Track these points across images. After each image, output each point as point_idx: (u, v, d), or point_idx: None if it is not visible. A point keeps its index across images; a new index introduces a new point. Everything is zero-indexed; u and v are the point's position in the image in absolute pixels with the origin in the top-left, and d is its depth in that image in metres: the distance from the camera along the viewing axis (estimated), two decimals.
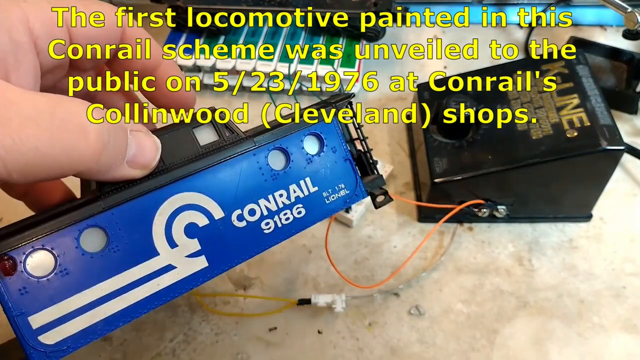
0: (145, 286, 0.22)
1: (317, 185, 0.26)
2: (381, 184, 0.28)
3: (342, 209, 0.27)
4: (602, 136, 0.38)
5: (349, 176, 0.27)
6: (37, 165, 0.17)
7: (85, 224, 0.21)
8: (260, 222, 0.25)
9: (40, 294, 0.20)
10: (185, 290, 0.23)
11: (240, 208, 0.24)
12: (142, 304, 0.22)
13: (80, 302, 0.21)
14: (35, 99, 0.18)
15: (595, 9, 0.60)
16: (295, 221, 0.26)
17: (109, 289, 0.22)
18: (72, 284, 0.21)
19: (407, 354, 0.38)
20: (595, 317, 0.40)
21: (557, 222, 0.45)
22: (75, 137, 0.18)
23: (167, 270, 0.23)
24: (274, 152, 0.25)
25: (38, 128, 0.17)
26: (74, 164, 0.18)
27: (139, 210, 0.22)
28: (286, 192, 0.26)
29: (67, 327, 0.21)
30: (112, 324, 0.22)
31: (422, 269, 0.42)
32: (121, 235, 0.22)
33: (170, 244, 0.23)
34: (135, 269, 0.22)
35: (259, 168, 0.25)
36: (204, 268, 0.24)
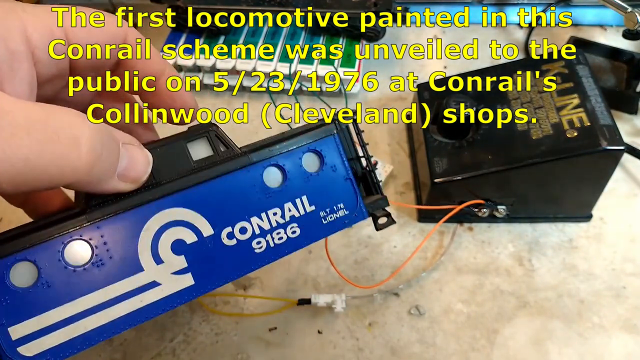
0: (128, 302, 0.22)
1: (314, 204, 0.25)
2: (384, 205, 0.27)
3: (340, 230, 0.26)
4: (602, 136, 0.38)
5: (349, 196, 0.26)
6: (27, 175, 0.17)
7: (69, 237, 0.21)
8: (252, 241, 0.24)
9: (21, 305, 0.20)
10: (169, 308, 0.23)
11: (231, 226, 0.24)
12: (124, 320, 0.22)
13: (61, 315, 0.21)
14: (28, 108, 0.17)
15: (595, 9, 0.60)
16: (289, 241, 0.25)
17: (91, 303, 0.21)
18: (54, 296, 0.21)
19: (407, 354, 0.38)
20: (595, 317, 0.40)
21: (557, 222, 0.45)
22: (67, 149, 0.18)
23: (152, 287, 0.22)
24: (270, 169, 0.24)
25: (29, 138, 0.17)
26: (65, 176, 0.18)
27: (124, 225, 0.22)
28: (280, 211, 0.25)
29: (47, 340, 0.21)
30: (93, 339, 0.22)
31: (422, 269, 0.42)
32: (106, 249, 0.21)
33: (155, 260, 0.22)
34: (118, 284, 0.22)
35: (253, 185, 0.24)
36: (189, 286, 0.23)
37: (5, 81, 0.20)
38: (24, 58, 0.21)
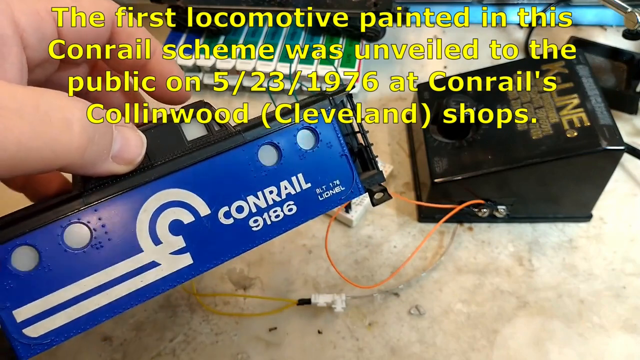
0: (128, 282, 0.22)
1: (310, 181, 0.25)
2: (380, 180, 0.27)
3: (337, 206, 0.26)
4: (602, 136, 0.38)
5: (344, 172, 0.26)
6: (20, 158, 0.17)
7: (67, 221, 0.21)
8: (249, 220, 0.24)
9: (24, 288, 0.21)
10: (169, 287, 0.23)
11: (228, 205, 0.24)
12: (125, 300, 0.23)
13: (63, 297, 0.21)
14: (17, 91, 0.17)
15: (595, 9, 0.60)
16: (286, 218, 0.25)
17: (92, 284, 0.22)
18: (56, 279, 0.21)
19: (407, 354, 0.38)
20: (595, 317, 0.40)
21: (557, 222, 0.45)
22: (59, 131, 0.18)
23: (151, 267, 0.23)
24: (265, 147, 0.24)
25: (21, 121, 0.17)
26: (58, 158, 0.18)
27: (121, 207, 0.22)
28: (276, 189, 0.25)
29: (51, 321, 0.21)
30: (95, 319, 0.22)
31: (422, 269, 0.42)
32: (104, 231, 0.22)
33: (154, 241, 0.23)
34: (118, 265, 0.22)
35: (248, 164, 0.24)
36: (188, 265, 0.23)
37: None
38: (12, 42, 0.21)
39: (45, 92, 0.18)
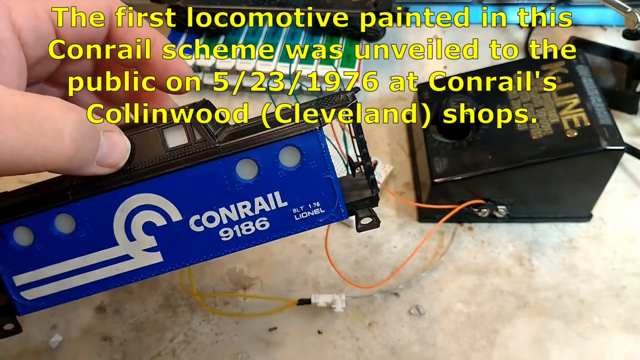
0: (106, 269, 0.25)
1: (287, 200, 0.25)
2: (372, 205, 0.26)
3: (315, 227, 0.25)
4: (602, 136, 0.38)
5: (326, 195, 0.25)
6: (13, 163, 0.18)
7: (57, 210, 0.24)
8: (219, 230, 0.25)
9: (21, 261, 0.25)
10: (141, 278, 0.26)
11: (199, 214, 0.25)
12: (103, 282, 0.26)
13: (52, 272, 0.25)
14: (16, 100, 0.18)
15: (595, 9, 0.60)
16: (257, 233, 0.25)
17: (75, 265, 0.25)
18: (46, 257, 0.25)
19: (407, 354, 0.38)
20: (595, 317, 0.40)
21: (557, 222, 0.45)
22: (50, 141, 0.19)
23: (125, 259, 0.25)
24: (244, 162, 0.24)
25: (16, 130, 0.18)
26: (48, 164, 0.19)
27: (102, 204, 0.24)
28: (250, 204, 0.25)
29: (42, 289, 0.26)
30: (78, 294, 0.26)
31: (422, 269, 0.42)
32: (87, 223, 0.24)
33: (128, 237, 0.25)
34: (97, 253, 0.25)
35: (223, 177, 0.24)
36: (158, 262, 0.25)
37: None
38: (10, 43, 0.21)
39: (40, 101, 0.19)
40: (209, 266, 0.43)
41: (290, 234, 0.26)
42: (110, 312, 0.41)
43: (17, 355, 0.39)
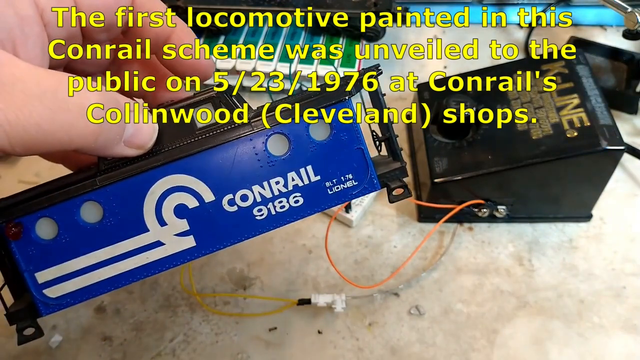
0: (135, 258, 0.24)
1: (319, 174, 0.24)
2: (402, 176, 0.25)
3: (349, 201, 0.25)
4: (602, 136, 0.38)
5: (359, 166, 0.25)
6: (38, 140, 0.18)
7: (84, 198, 0.23)
8: (253, 209, 0.24)
9: (44, 255, 0.24)
10: (173, 266, 0.25)
11: (232, 193, 0.24)
12: (132, 273, 0.24)
13: (78, 265, 0.24)
14: (40, 76, 0.18)
15: (595, 9, 0.60)
16: (292, 210, 0.25)
17: (103, 257, 0.24)
18: (72, 249, 0.24)
19: (407, 354, 0.38)
20: (595, 317, 0.40)
21: (557, 222, 0.45)
22: (75, 117, 0.19)
23: (156, 245, 0.24)
24: (275, 137, 0.24)
25: (41, 106, 0.18)
26: (73, 141, 0.19)
27: (131, 189, 0.23)
28: (283, 180, 0.24)
29: (67, 285, 0.24)
30: (106, 287, 0.24)
31: (422, 269, 0.42)
32: (115, 210, 0.23)
33: (160, 222, 0.24)
34: (127, 241, 0.24)
35: (255, 153, 0.24)
36: (191, 247, 0.24)
37: (18, 46, 0.21)
38: (34, 22, 0.21)
39: (64, 77, 0.19)
40: (208, 266, 0.43)
41: (324, 209, 0.25)
42: (110, 312, 0.41)
43: (17, 356, 0.39)
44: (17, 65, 0.18)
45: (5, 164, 0.50)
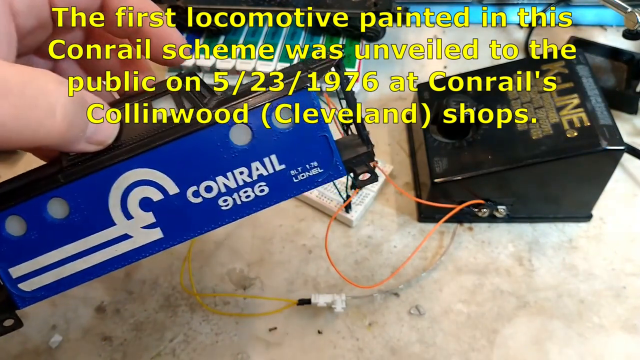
0: (104, 251, 0.25)
1: (284, 162, 0.24)
2: (367, 160, 0.25)
3: (314, 188, 0.25)
4: (602, 136, 0.38)
5: (323, 153, 0.24)
6: (3, 137, 0.18)
7: (48, 195, 0.23)
8: (218, 199, 0.24)
9: (16, 251, 0.24)
10: (142, 257, 0.25)
11: (196, 185, 0.24)
12: (103, 265, 0.25)
13: (50, 259, 0.24)
14: (7, 73, 0.18)
15: (595, 9, 0.60)
16: (257, 199, 0.25)
17: (72, 251, 0.24)
18: (42, 244, 0.24)
19: (407, 354, 0.38)
20: (595, 317, 0.40)
21: (557, 222, 0.45)
22: (43, 116, 0.18)
23: (124, 239, 0.25)
24: (236, 127, 0.24)
25: (7, 103, 0.17)
26: (39, 139, 0.19)
27: (94, 184, 0.23)
28: (247, 170, 0.24)
29: (40, 279, 0.25)
30: (79, 279, 0.25)
31: (422, 269, 0.42)
32: (81, 206, 0.24)
33: (126, 216, 0.24)
34: (95, 235, 0.24)
35: (217, 144, 0.24)
36: (159, 239, 0.25)
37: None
38: (1, 14, 0.21)
39: (32, 74, 0.19)
40: (208, 266, 0.43)
41: (290, 197, 0.25)
42: (110, 312, 0.41)
43: (17, 355, 0.39)
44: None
45: (5, 164, 0.50)
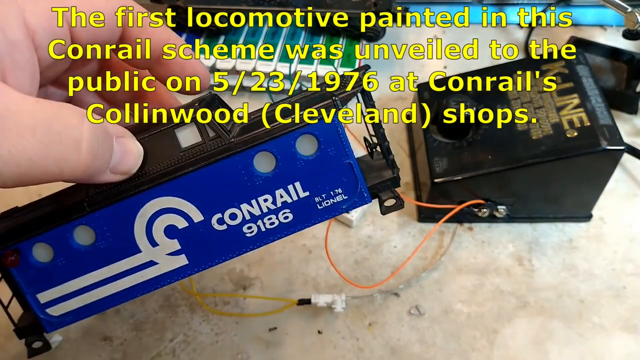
0: (130, 277, 0.25)
1: (308, 190, 0.24)
2: (393, 186, 0.25)
3: (339, 215, 0.25)
4: (602, 136, 0.38)
5: (348, 180, 0.24)
6: (29, 174, 0.18)
7: (75, 223, 0.24)
8: (242, 226, 0.24)
9: (43, 277, 0.24)
10: (167, 283, 0.25)
11: (221, 212, 0.24)
12: (129, 291, 0.25)
13: (77, 285, 0.25)
14: (34, 109, 0.18)
15: (595, 9, 0.60)
16: (281, 226, 0.25)
17: (99, 277, 0.25)
18: (69, 271, 0.25)
19: (407, 354, 0.38)
20: (595, 317, 0.40)
21: (557, 222, 0.45)
22: (68, 151, 0.19)
23: (149, 265, 0.25)
24: (261, 155, 0.24)
25: (34, 140, 0.18)
26: (64, 174, 0.19)
27: (120, 212, 0.24)
28: (271, 197, 0.24)
29: (68, 304, 0.25)
30: (105, 304, 0.25)
31: (422, 269, 0.42)
32: (106, 233, 0.24)
33: (151, 243, 0.24)
34: (121, 262, 0.25)
35: (242, 172, 0.24)
36: (184, 265, 0.25)
37: (8, 73, 0.20)
38: (24, 47, 0.21)
39: (59, 110, 0.19)
40: None
41: (314, 224, 0.25)
42: (110, 312, 0.41)
43: (17, 355, 0.39)
44: (9, 96, 0.18)
45: None
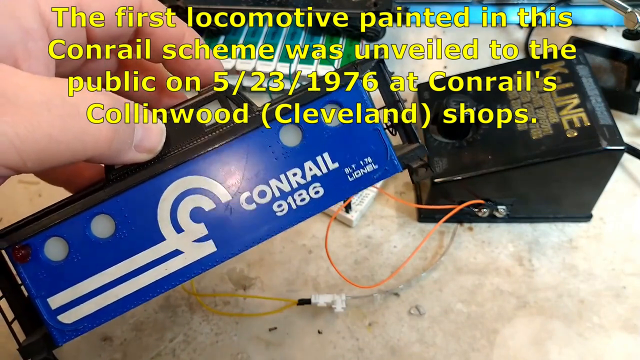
0: (153, 270, 0.23)
1: (337, 160, 0.23)
2: (421, 154, 0.24)
3: (370, 186, 0.24)
4: (602, 136, 0.38)
5: (377, 149, 0.23)
6: (50, 152, 0.17)
7: (93, 212, 0.22)
8: (272, 204, 0.23)
9: (57, 277, 0.22)
10: (194, 275, 0.23)
11: (249, 190, 0.23)
12: (151, 287, 0.23)
13: (93, 285, 0.22)
14: (44, 84, 0.17)
15: (595, 9, 0.60)
16: (312, 202, 0.23)
17: (119, 273, 0.22)
18: (85, 268, 0.22)
19: (407, 354, 0.38)
20: (595, 317, 0.40)
21: (557, 222, 0.45)
22: (87, 122, 0.18)
23: (175, 255, 0.23)
24: (286, 127, 0.23)
25: (50, 114, 0.17)
26: (87, 150, 0.18)
27: (142, 196, 0.22)
28: (300, 171, 0.23)
29: (83, 308, 0.22)
30: (124, 306, 0.23)
31: (422, 269, 0.42)
32: (127, 221, 0.22)
33: (176, 229, 0.23)
34: (143, 253, 0.22)
35: (269, 146, 0.23)
36: (212, 253, 0.23)
37: (21, 62, 0.20)
38: (38, 36, 0.20)
39: (69, 83, 0.18)
40: None
41: (346, 197, 0.24)
42: None
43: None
44: (17, 74, 0.17)
45: None
